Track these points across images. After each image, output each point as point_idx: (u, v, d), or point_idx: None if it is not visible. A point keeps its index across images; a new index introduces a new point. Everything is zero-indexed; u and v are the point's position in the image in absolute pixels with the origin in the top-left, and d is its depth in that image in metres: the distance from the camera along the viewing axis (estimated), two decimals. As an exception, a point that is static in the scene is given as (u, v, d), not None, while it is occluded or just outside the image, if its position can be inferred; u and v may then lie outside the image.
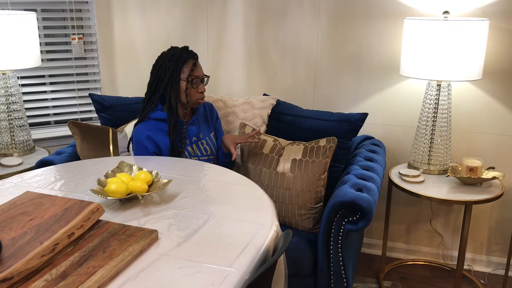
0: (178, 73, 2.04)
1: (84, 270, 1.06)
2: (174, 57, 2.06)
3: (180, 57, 2.05)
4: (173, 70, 2.04)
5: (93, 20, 2.83)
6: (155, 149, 2.04)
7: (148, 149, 2.03)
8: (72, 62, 2.85)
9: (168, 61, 2.06)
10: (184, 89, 2.05)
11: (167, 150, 2.05)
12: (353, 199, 1.82)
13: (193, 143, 2.13)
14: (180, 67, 2.04)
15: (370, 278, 2.61)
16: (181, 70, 2.05)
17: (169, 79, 2.04)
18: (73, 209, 1.27)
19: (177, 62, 2.05)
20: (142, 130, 2.05)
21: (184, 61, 2.05)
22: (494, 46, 2.36)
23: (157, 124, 2.06)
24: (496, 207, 2.59)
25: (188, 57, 2.07)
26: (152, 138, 2.04)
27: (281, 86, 2.77)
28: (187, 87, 2.05)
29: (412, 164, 2.44)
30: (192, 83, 2.06)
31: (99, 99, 2.51)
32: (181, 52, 2.07)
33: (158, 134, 2.05)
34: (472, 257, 2.70)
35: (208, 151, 2.17)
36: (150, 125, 2.06)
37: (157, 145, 2.04)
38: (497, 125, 2.47)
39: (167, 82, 2.04)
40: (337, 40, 2.61)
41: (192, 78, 2.05)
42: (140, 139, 2.04)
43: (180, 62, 2.05)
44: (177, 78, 2.04)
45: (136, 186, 1.46)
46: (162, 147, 2.05)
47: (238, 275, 1.10)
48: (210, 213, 1.41)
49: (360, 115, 2.29)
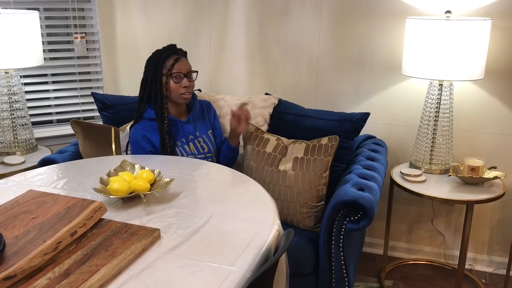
0: (160, 69, 2.08)
1: (87, 269, 1.06)
2: (157, 54, 2.11)
3: (162, 54, 2.10)
4: (155, 67, 2.08)
5: (95, 19, 2.84)
6: (151, 148, 2.08)
7: (145, 149, 2.07)
8: (75, 61, 2.86)
9: (152, 59, 2.11)
10: (171, 87, 2.09)
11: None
12: (354, 198, 1.82)
13: (190, 142, 2.15)
14: (162, 63, 2.08)
15: (371, 277, 2.62)
16: (163, 66, 2.08)
17: (152, 76, 2.08)
18: (75, 208, 1.28)
19: (159, 59, 2.09)
20: (138, 130, 2.10)
21: (166, 57, 2.09)
22: (496, 45, 2.36)
23: (151, 124, 2.10)
24: (497, 206, 2.59)
25: (171, 53, 2.10)
26: (147, 137, 2.08)
27: (283, 85, 2.77)
28: (167, 81, 2.08)
29: (413, 163, 2.44)
30: (173, 77, 2.08)
31: (101, 98, 2.51)
32: (164, 50, 2.12)
33: (153, 133, 2.09)
34: (474, 256, 2.70)
35: (205, 149, 2.18)
36: (145, 125, 2.10)
37: (153, 144, 2.08)
38: (499, 124, 2.47)
39: (151, 79, 2.09)
40: (339, 39, 2.62)
41: (172, 73, 2.07)
42: (136, 139, 2.08)
43: (162, 58, 2.09)
44: (159, 74, 2.08)
45: (138, 185, 1.46)
46: (157, 146, 2.09)
47: (240, 274, 1.10)
48: (212, 212, 1.41)
49: (362, 115, 2.29)
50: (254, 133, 2.25)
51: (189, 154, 2.13)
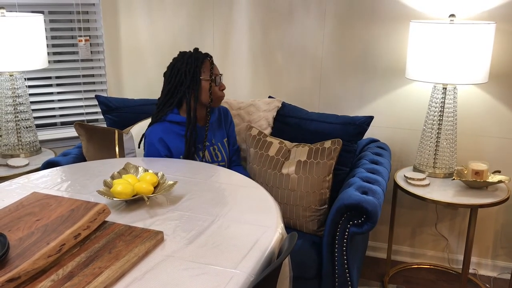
0: (199, 73, 2.06)
1: (90, 271, 1.06)
2: (191, 59, 2.07)
3: (197, 58, 2.07)
4: (194, 72, 2.05)
5: (99, 22, 2.85)
6: (166, 152, 2.04)
7: (160, 152, 2.03)
8: (79, 64, 2.87)
9: (186, 64, 2.07)
10: (208, 89, 2.07)
11: (178, 154, 2.05)
12: (358, 202, 1.82)
13: (206, 148, 2.13)
14: (200, 67, 2.06)
15: (374, 281, 2.61)
16: (201, 70, 2.07)
17: (191, 81, 2.05)
18: (79, 210, 1.28)
19: (195, 63, 2.06)
20: (156, 131, 2.05)
21: (202, 62, 2.07)
22: (500, 49, 2.36)
23: (171, 127, 2.07)
24: (502, 211, 2.58)
25: (204, 57, 2.09)
26: (164, 141, 2.04)
27: (287, 88, 2.77)
28: (211, 85, 2.07)
29: (417, 167, 2.43)
30: (215, 81, 2.08)
31: (105, 101, 2.52)
32: (195, 54, 2.10)
33: (171, 136, 2.05)
34: (478, 261, 2.69)
35: (219, 157, 2.17)
36: (164, 127, 2.07)
37: (169, 148, 2.04)
38: (503, 128, 2.46)
39: (189, 84, 2.05)
40: (342, 43, 2.62)
41: (214, 76, 2.07)
42: (152, 141, 2.04)
43: (199, 62, 2.07)
44: (198, 78, 2.06)
45: (142, 188, 1.46)
46: (173, 151, 2.05)
47: (243, 277, 1.10)
48: (216, 215, 1.41)
49: (366, 118, 2.29)
50: (257, 137, 2.25)
51: (203, 161, 2.11)
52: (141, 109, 2.53)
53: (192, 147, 2.05)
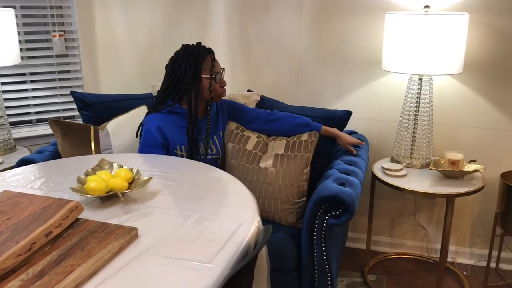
0: (199, 71, 2.04)
1: (62, 269, 1.05)
2: (192, 55, 2.05)
3: (198, 55, 2.05)
4: (194, 69, 2.03)
5: (74, 17, 2.80)
6: (162, 140, 2.03)
7: (157, 140, 2.02)
8: (53, 60, 2.82)
9: (187, 60, 2.04)
10: (208, 86, 2.06)
11: (174, 144, 2.05)
12: (335, 194, 1.82)
13: (201, 141, 2.13)
14: (200, 64, 2.04)
15: (355, 272, 2.63)
16: (202, 68, 2.05)
17: (191, 78, 2.03)
18: (51, 208, 1.26)
19: (196, 60, 2.04)
20: (155, 119, 2.04)
21: (203, 58, 2.05)
22: (474, 40, 2.39)
23: (170, 117, 2.06)
24: (478, 199, 2.62)
25: (206, 53, 2.07)
26: (162, 130, 2.03)
27: (265, 81, 2.77)
28: (211, 83, 2.05)
29: (395, 158, 2.46)
30: (216, 79, 2.06)
31: (80, 97, 2.48)
32: (197, 49, 2.07)
33: (169, 126, 2.05)
34: (456, 249, 2.73)
35: (213, 150, 2.16)
36: (163, 116, 2.06)
37: (166, 137, 2.04)
38: (478, 118, 2.50)
39: (189, 81, 2.03)
40: (319, 35, 2.62)
41: (215, 74, 2.06)
42: (150, 129, 2.03)
43: (200, 59, 2.04)
44: (199, 76, 2.04)
45: (116, 184, 1.45)
46: (170, 141, 2.04)
47: (218, 271, 1.09)
48: (192, 210, 1.40)
49: (345, 113, 2.30)
50: (235, 131, 2.24)
51: (199, 154, 2.10)
52: (118, 104, 2.50)
53: (195, 143, 2.06)
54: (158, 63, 2.89)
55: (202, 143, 2.13)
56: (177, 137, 2.05)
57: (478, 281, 2.55)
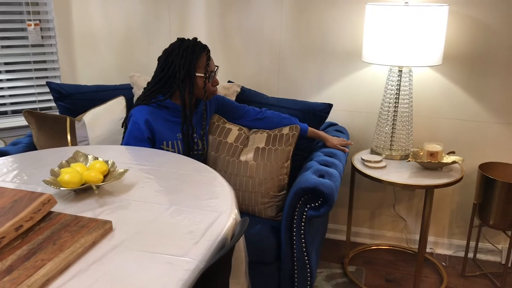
0: (194, 69, 2.00)
1: (32, 264, 1.02)
2: (186, 51, 2.00)
3: (193, 52, 2.00)
4: (188, 67, 1.99)
5: (50, 5, 2.73)
6: (149, 134, 1.99)
7: (143, 133, 1.98)
8: (29, 49, 2.75)
9: (181, 56, 2.00)
10: (202, 86, 2.03)
11: (160, 139, 2.01)
12: (314, 185, 1.82)
13: (204, 136, 2.11)
14: (195, 62, 2.00)
15: (335, 264, 2.64)
16: (196, 65, 2.01)
17: (185, 75, 2.00)
18: (22, 201, 1.22)
19: (191, 57, 2.00)
20: (143, 112, 2.00)
21: (198, 56, 2.01)
22: (453, 32, 2.39)
23: (159, 111, 2.02)
24: (457, 191, 2.65)
25: (201, 51, 2.02)
26: (150, 123, 1.99)
27: (246, 73, 2.74)
28: (205, 82, 2.02)
29: (374, 149, 2.46)
30: (210, 78, 2.03)
31: (57, 87, 2.43)
32: (193, 46, 2.02)
33: (157, 120, 2.01)
34: (435, 240, 2.76)
35: (199, 146, 2.13)
36: (152, 109, 2.02)
37: (153, 131, 2.00)
38: (457, 110, 2.51)
39: (183, 78, 2.00)
40: (300, 27, 2.60)
41: (208, 74, 2.03)
42: (138, 121, 1.98)
43: (194, 57, 2.00)
44: (193, 74, 2.01)
45: (91, 176, 1.42)
46: (157, 135, 2.00)
47: (194, 264, 1.08)
48: (168, 202, 1.38)
49: (325, 106, 2.29)
50: (216, 123, 2.22)
51: (194, 150, 2.07)
52: (95, 95, 2.46)
53: (191, 142, 2.03)
54: (136, 54, 2.85)
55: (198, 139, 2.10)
56: (165, 132, 2.02)
57: (456, 271, 2.59)
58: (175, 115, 2.04)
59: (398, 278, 2.52)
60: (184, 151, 2.05)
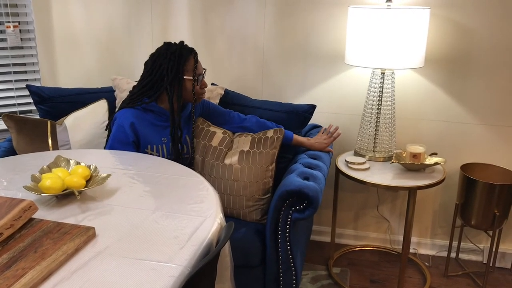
0: (181, 72, 1.99)
1: (13, 273, 1.00)
2: (174, 55, 1.99)
3: (181, 55, 1.99)
4: (176, 70, 1.98)
5: (29, 7, 2.69)
6: (134, 138, 1.97)
7: (128, 137, 1.95)
8: (8, 52, 2.70)
9: (168, 59, 1.98)
10: (191, 89, 2.01)
11: (145, 143, 1.99)
12: (299, 188, 1.82)
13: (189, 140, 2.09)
14: (183, 65, 1.99)
15: (320, 265, 2.64)
16: (184, 69, 1.99)
17: (173, 79, 1.98)
18: (2, 208, 1.19)
19: (178, 60, 1.98)
20: (128, 115, 1.97)
21: (186, 59, 1.99)
22: (435, 34, 2.42)
23: (145, 114, 2.00)
24: (439, 191, 2.68)
25: (188, 54, 2.01)
26: (135, 127, 1.96)
27: (229, 75, 2.73)
28: (194, 85, 2.01)
29: (358, 151, 2.47)
30: (198, 81, 2.02)
31: (37, 91, 2.39)
32: (180, 49, 2.00)
33: (143, 124, 1.98)
34: (418, 240, 2.78)
35: (184, 150, 2.11)
36: (138, 113, 1.99)
37: (138, 135, 1.97)
38: (439, 111, 2.54)
39: (170, 82, 1.98)
40: (283, 29, 2.60)
41: (197, 77, 2.01)
42: (123, 124, 1.96)
43: (182, 60, 1.99)
44: (181, 77, 1.99)
45: (73, 181, 1.39)
46: (141, 140, 1.98)
47: (179, 270, 1.07)
48: (152, 207, 1.36)
49: (309, 107, 2.29)
50: (200, 126, 2.20)
51: (169, 154, 2.05)
52: (76, 98, 2.43)
53: (180, 146, 2.02)
54: (118, 56, 2.82)
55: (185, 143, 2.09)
56: (150, 135, 2.00)
57: (439, 271, 2.61)
58: (160, 119, 2.03)
59: (382, 279, 2.54)
60: (173, 155, 2.03)
